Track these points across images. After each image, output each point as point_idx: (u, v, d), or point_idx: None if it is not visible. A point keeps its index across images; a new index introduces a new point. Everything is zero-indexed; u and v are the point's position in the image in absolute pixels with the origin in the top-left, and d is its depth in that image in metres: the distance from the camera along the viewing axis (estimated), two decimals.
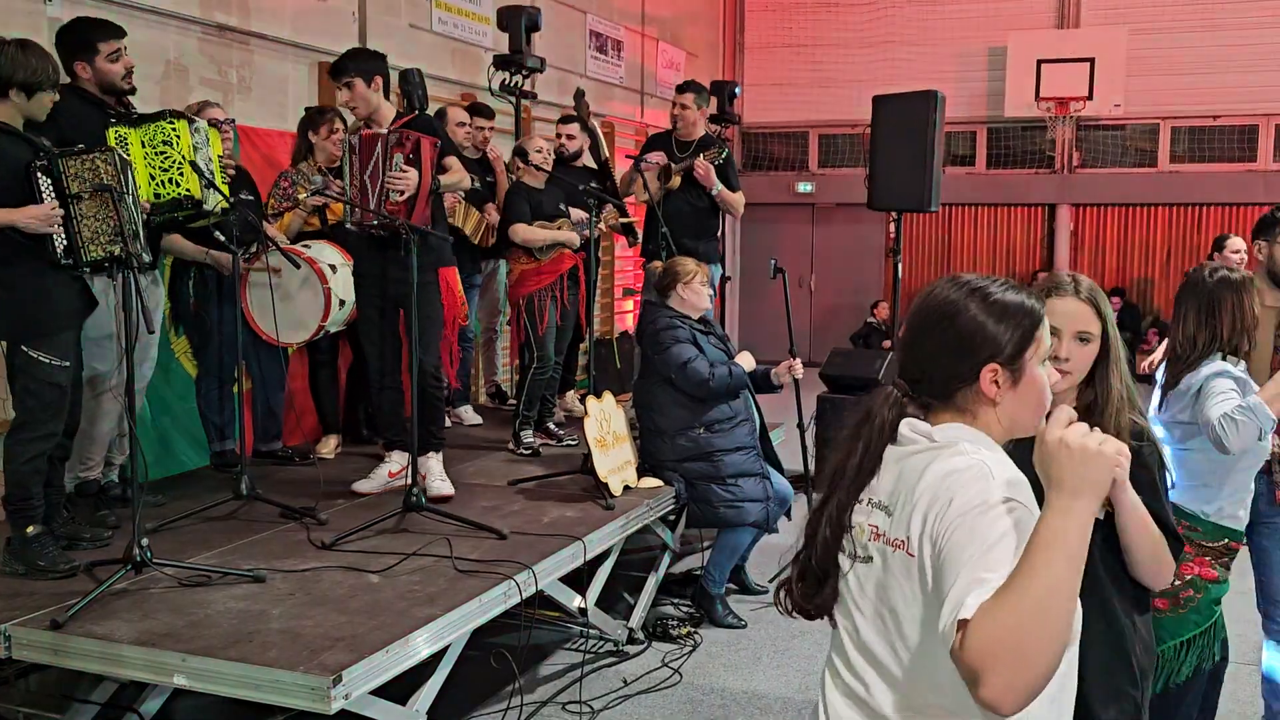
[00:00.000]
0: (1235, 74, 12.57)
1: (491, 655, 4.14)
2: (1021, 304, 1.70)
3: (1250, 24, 12.48)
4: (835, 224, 14.40)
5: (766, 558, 5.64)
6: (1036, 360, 1.70)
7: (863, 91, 9.71)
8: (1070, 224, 13.71)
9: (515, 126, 7.95)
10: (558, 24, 9.82)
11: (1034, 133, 13.45)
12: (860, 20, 13.97)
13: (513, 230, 5.77)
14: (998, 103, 13.19)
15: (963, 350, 1.68)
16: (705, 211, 6.69)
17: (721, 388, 4.99)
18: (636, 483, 5.03)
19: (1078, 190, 13.59)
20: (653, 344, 5.12)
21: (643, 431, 5.26)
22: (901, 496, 1.64)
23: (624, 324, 11.16)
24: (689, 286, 5.13)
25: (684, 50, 12.99)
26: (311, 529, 4.26)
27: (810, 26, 14.24)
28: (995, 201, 13.94)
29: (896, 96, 8.02)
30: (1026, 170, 13.75)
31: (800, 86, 14.24)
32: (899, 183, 7.75)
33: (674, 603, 5.38)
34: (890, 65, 13.37)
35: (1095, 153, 13.62)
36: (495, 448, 5.92)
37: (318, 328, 5.17)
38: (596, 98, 10.63)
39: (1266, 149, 12.97)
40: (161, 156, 4.17)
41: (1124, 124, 13.27)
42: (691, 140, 6.77)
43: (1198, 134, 13.19)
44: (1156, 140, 13.36)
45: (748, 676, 4.61)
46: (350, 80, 4.73)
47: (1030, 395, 1.70)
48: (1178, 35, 12.72)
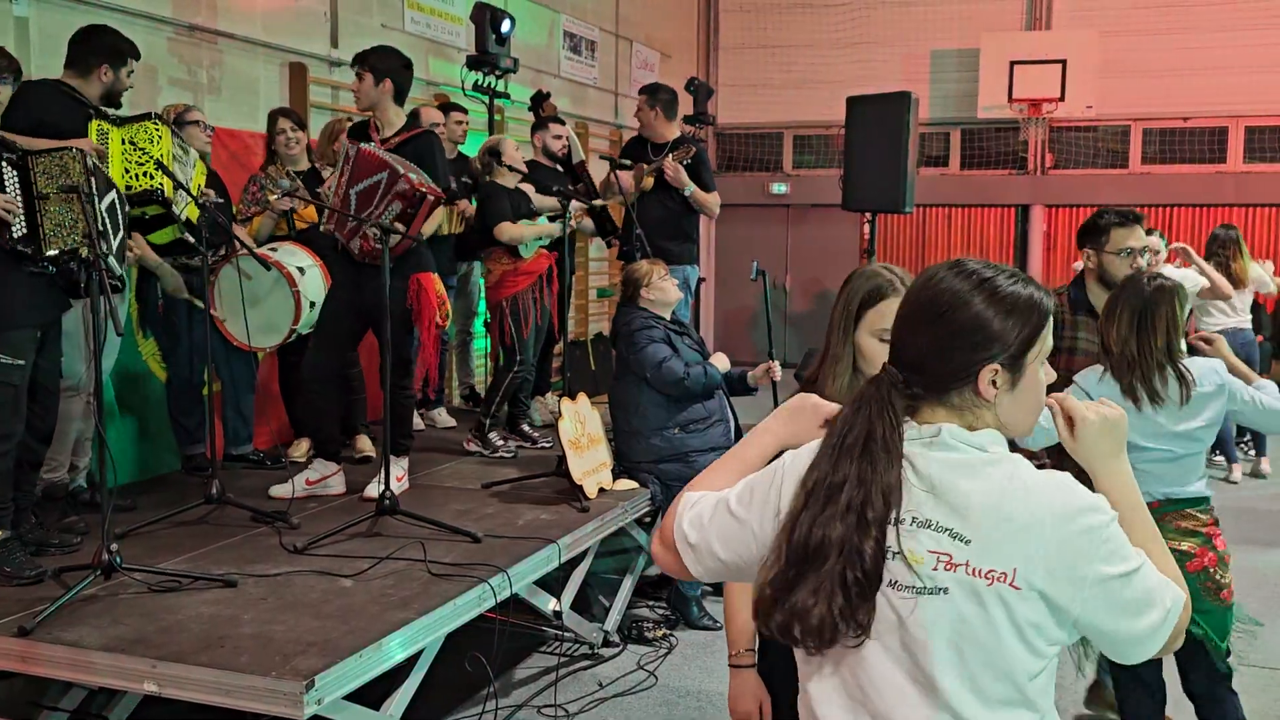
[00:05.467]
0: (1205, 76, 12.68)
1: (466, 659, 4.12)
2: (1030, 299, 1.57)
3: (1220, 26, 12.59)
4: (810, 225, 14.43)
5: None
6: (1039, 361, 1.59)
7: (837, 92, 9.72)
8: (1043, 225, 13.78)
9: (489, 127, 7.92)
10: (531, 24, 9.80)
11: (1007, 134, 13.52)
12: (834, 21, 14.00)
13: (500, 229, 5.75)
14: (971, 104, 13.24)
15: (962, 347, 1.55)
16: (679, 213, 6.69)
17: (696, 388, 4.99)
18: (612, 485, 5.01)
19: (1050, 191, 13.67)
20: (627, 344, 5.11)
21: (618, 433, 5.25)
22: (986, 523, 1.50)
23: (599, 325, 11.15)
24: (651, 286, 5.12)
25: (658, 51, 12.99)
26: (283, 533, 4.22)
27: (784, 27, 14.26)
28: (969, 202, 14.00)
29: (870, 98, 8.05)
30: (1000, 171, 13.82)
31: (774, 87, 14.26)
32: (873, 184, 7.78)
33: (649, 605, 5.38)
34: (864, 66, 13.40)
35: (1067, 154, 13.70)
36: (470, 451, 5.89)
37: (289, 331, 5.13)
38: (571, 99, 10.61)
39: (1236, 151, 13.08)
40: (140, 153, 4.19)
41: (1096, 125, 13.35)
42: (665, 142, 6.76)
43: (1168, 136, 13.29)
44: (1128, 142, 13.46)
45: (723, 678, 4.58)
46: (361, 72, 4.83)
47: (1029, 398, 1.60)
48: (1148, 37, 12.82)
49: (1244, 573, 3.95)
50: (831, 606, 1.50)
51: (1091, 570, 1.47)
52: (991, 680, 1.50)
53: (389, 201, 4.48)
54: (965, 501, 1.51)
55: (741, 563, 1.64)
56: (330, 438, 4.98)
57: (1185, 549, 3.19)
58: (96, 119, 4.27)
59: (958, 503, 1.51)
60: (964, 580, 1.49)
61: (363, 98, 4.86)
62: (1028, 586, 1.48)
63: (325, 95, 7.47)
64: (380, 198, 4.50)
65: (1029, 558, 1.47)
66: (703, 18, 14.45)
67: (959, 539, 1.50)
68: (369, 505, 4.35)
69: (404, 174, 4.46)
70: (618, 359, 5.32)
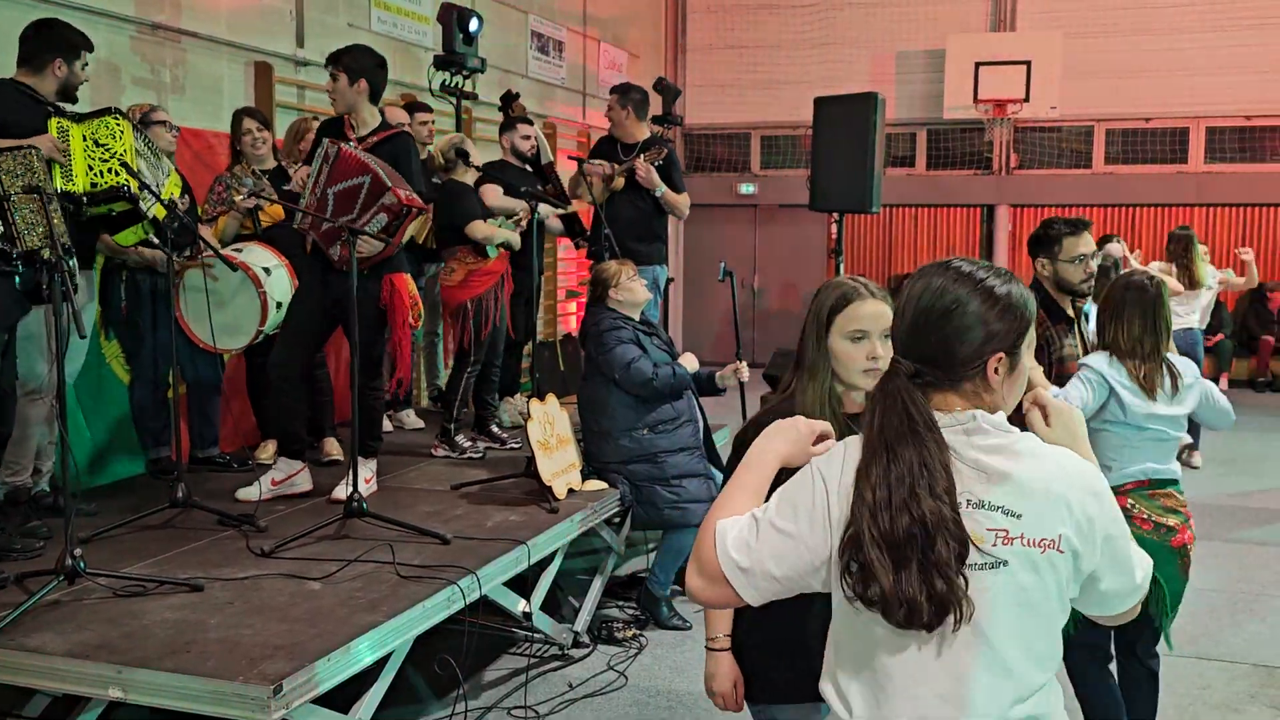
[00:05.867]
0: (1167, 77, 12.83)
1: (435, 661, 4.10)
2: (1020, 296, 1.75)
3: (1181, 28, 12.74)
4: (777, 225, 14.48)
5: None
6: (1029, 348, 1.77)
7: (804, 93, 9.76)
8: (1008, 224, 13.90)
9: (456, 127, 7.89)
10: (499, 24, 9.77)
11: (972, 134, 13.62)
12: (801, 22, 14.06)
13: (473, 228, 5.74)
14: (937, 104, 13.34)
15: (972, 341, 1.71)
16: (649, 213, 6.69)
17: (665, 388, 4.99)
18: (581, 485, 5.01)
19: (1015, 191, 13.79)
20: (596, 345, 5.11)
21: (587, 433, 5.25)
22: (1032, 497, 1.67)
23: (567, 326, 11.13)
24: (619, 287, 5.13)
25: (626, 51, 13.00)
26: (250, 536, 4.19)
27: (751, 28, 14.30)
28: (935, 202, 14.09)
29: (837, 98, 8.08)
30: (965, 171, 13.92)
31: (742, 88, 14.30)
32: (840, 184, 7.80)
33: (619, 605, 5.38)
34: (831, 67, 13.47)
35: (1032, 154, 13.82)
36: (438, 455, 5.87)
37: (255, 332, 5.09)
38: (538, 99, 10.60)
39: (1197, 151, 13.25)
40: (103, 149, 4.16)
41: (1059, 126, 13.48)
42: (635, 142, 6.76)
43: (1131, 136, 13.44)
44: (1091, 142, 13.60)
45: (693, 678, 4.61)
46: (335, 72, 4.80)
47: (1020, 381, 1.78)
48: (1111, 39, 12.95)
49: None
50: (933, 590, 1.60)
51: (1103, 529, 1.69)
52: (1042, 641, 1.70)
53: (374, 213, 4.47)
54: (1010, 479, 1.67)
55: (796, 575, 1.72)
56: (295, 436, 4.95)
57: (1171, 525, 3.43)
58: (56, 116, 4.22)
59: (1004, 481, 1.67)
60: (1020, 552, 1.65)
61: (339, 99, 4.82)
62: (1069, 549, 1.66)
63: (291, 95, 7.43)
64: (363, 205, 4.49)
65: (1065, 522, 1.66)
66: (671, 18, 14.46)
67: (1011, 514, 1.65)
68: (337, 507, 4.32)
69: (391, 187, 4.45)
70: (586, 360, 5.32)
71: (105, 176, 4.16)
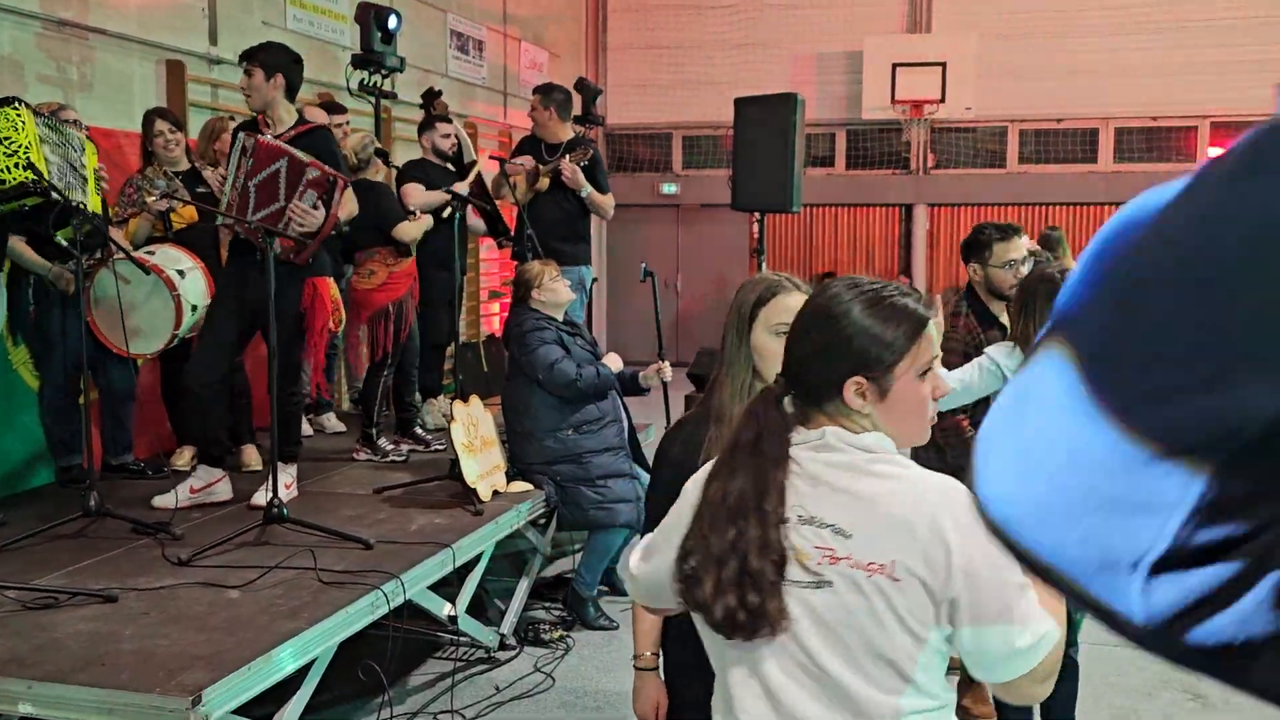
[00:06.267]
0: (1078, 79, 13.15)
1: (359, 667, 4.05)
2: (903, 311, 1.62)
3: (1092, 31, 13.06)
4: (700, 224, 14.56)
5: None
6: (912, 373, 1.62)
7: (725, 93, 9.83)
8: (926, 223, 14.13)
9: (375, 127, 7.80)
10: (418, 23, 9.68)
11: (890, 134, 13.83)
12: (721, 23, 14.15)
13: (403, 229, 5.68)
14: (855, 105, 13.51)
15: (827, 360, 1.63)
16: (574, 214, 6.68)
17: (589, 388, 4.99)
18: (506, 487, 4.99)
19: (932, 190, 14.02)
20: (520, 346, 5.09)
21: (511, 434, 5.22)
22: (868, 518, 1.57)
23: (490, 327, 11.07)
24: (542, 288, 5.11)
25: (546, 50, 12.96)
26: (166, 545, 4.09)
27: (672, 28, 14.36)
28: (855, 202, 14.28)
29: (758, 98, 8.14)
30: (884, 171, 14.13)
31: (664, 88, 14.35)
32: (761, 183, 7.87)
33: (545, 607, 5.36)
34: (751, 67, 13.58)
35: (948, 154, 14.07)
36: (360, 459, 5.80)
37: (170, 336, 4.98)
38: (459, 98, 10.52)
39: (1107, 151, 13.60)
40: (6, 142, 4.01)
41: (975, 126, 13.74)
42: (559, 142, 6.74)
43: (1044, 136, 13.75)
44: (1005, 142, 13.88)
45: (621, 678, 4.61)
46: (250, 69, 4.68)
47: (901, 409, 1.64)
48: (1024, 41, 13.24)
49: None
50: (745, 601, 1.57)
51: (964, 563, 1.52)
52: (876, 666, 1.57)
53: (302, 192, 4.39)
54: (846, 499, 1.59)
55: (656, 581, 1.77)
56: (215, 443, 4.85)
57: None
58: None
59: (840, 500, 1.59)
60: (846, 572, 1.57)
61: (255, 96, 4.71)
62: (908, 577, 1.54)
63: (204, 94, 7.28)
64: (287, 188, 4.40)
65: (906, 548, 1.54)
66: (591, 17, 14.46)
67: (841, 534, 1.58)
68: (256, 514, 4.25)
69: (309, 162, 4.40)
70: (510, 360, 5.30)
71: (12, 172, 4.01)
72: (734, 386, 2.32)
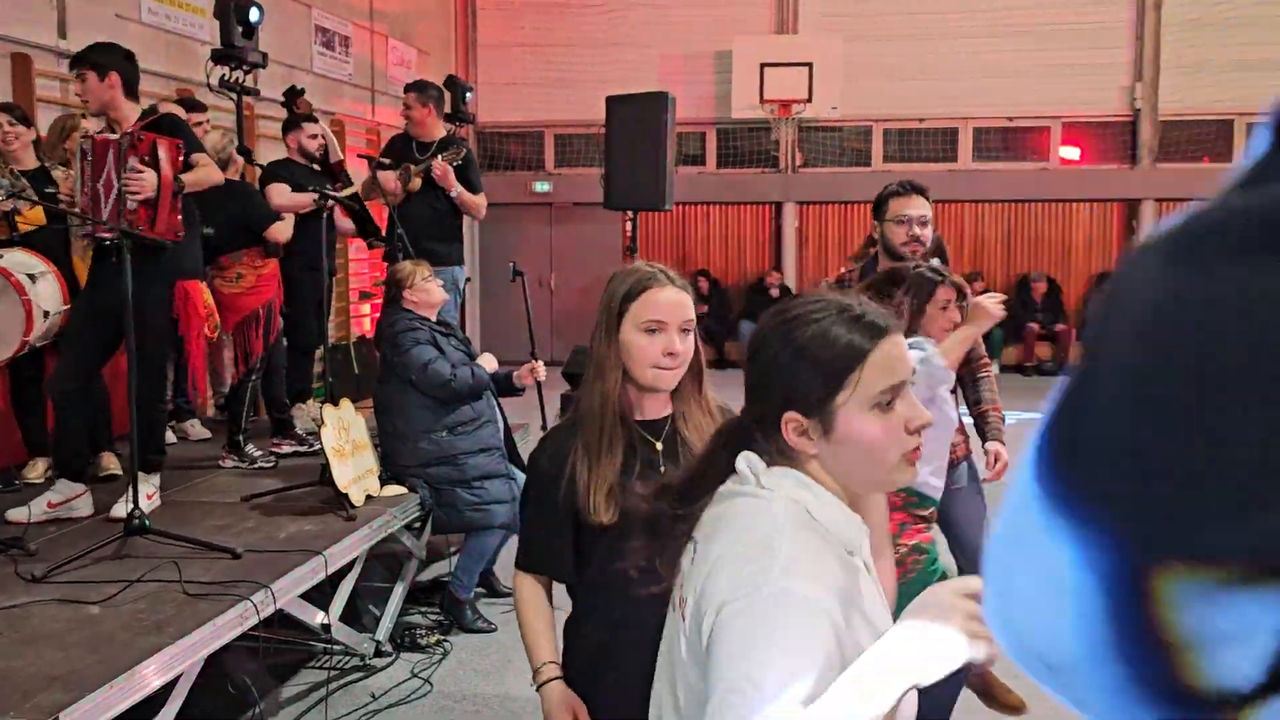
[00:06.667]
0: (939, 80, 13.55)
1: (229, 681, 3.94)
2: (834, 340, 1.40)
3: (951, 34, 13.48)
4: (573, 223, 14.55)
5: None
6: (857, 406, 1.39)
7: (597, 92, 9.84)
8: (795, 221, 14.39)
9: (238, 124, 7.58)
10: (280, 17, 9.44)
11: (759, 134, 14.03)
12: (592, 21, 14.16)
13: (277, 230, 5.53)
14: (725, 104, 13.68)
15: (763, 393, 1.46)
16: (446, 213, 6.61)
17: (464, 389, 4.95)
18: (379, 491, 4.91)
19: (801, 189, 14.28)
20: (392, 346, 5.01)
21: (384, 437, 5.14)
22: (699, 552, 1.46)
23: (361, 328, 10.87)
24: (414, 288, 5.05)
25: (415, 48, 12.78)
26: (20, 561, 3.91)
27: (543, 26, 14.32)
28: (726, 200, 14.45)
29: (629, 97, 8.18)
30: (754, 170, 14.33)
31: (535, 86, 14.30)
32: (634, 182, 7.91)
33: (422, 611, 5.29)
34: (623, 66, 13.62)
35: (816, 153, 14.36)
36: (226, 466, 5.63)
37: (20, 344, 4.76)
38: (325, 95, 10.30)
39: (966, 150, 14.05)
40: None
41: (841, 126, 14.05)
42: (431, 141, 6.66)
43: (906, 135, 14.14)
44: (870, 141, 14.22)
45: (499, 681, 4.59)
46: (82, 72, 4.48)
47: (851, 450, 1.41)
48: (888, 43, 13.58)
49: None
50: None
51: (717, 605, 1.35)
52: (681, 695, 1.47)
53: (123, 163, 4.25)
54: (706, 531, 1.49)
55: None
56: (76, 455, 4.64)
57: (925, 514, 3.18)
58: None
59: (705, 531, 1.49)
60: (677, 601, 1.52)
61: (92, 98, 4.51)
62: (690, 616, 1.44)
63: (53, 89, 6.98)
64: (116, 169, 4.26)
65: (700, 588, 1.41)
66: (460, 15, 14.32)
67: (692, 563, 1.49)
68: (116, 526, 4.09)
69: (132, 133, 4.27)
70: (382, 362, 5.22)
71: None
72: (603, 388, 2.15)
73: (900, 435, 1.40)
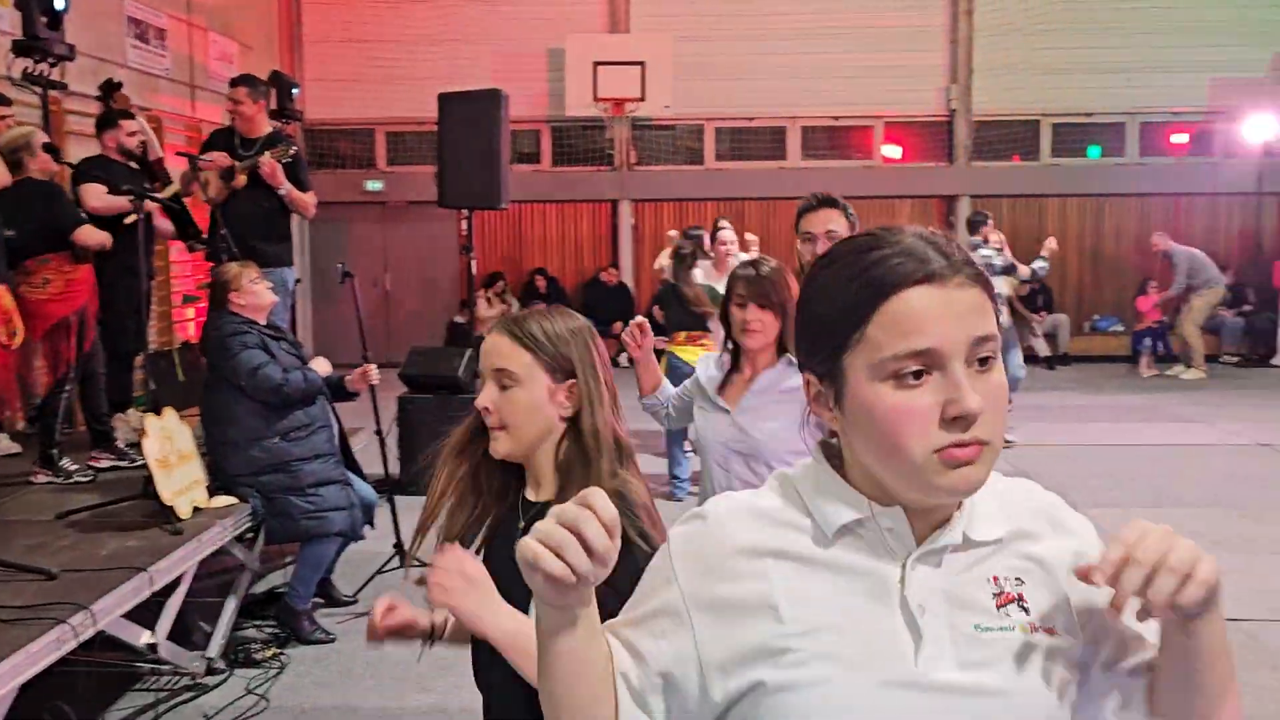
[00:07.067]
0: (768, 80, 13.86)
1: (47, 710, 3.71)
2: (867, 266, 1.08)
3: (779, 35, 13.80)
4: (408, 222, 14.30)
5: (353, 567, 5.48)
6: (865, 373, 1.08)
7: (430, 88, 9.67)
8: (631, 219, 14.49)
9: (44, 121, 7.17)
10: (89, 8, 8.96)
11: (594, 132, 14.08)
12: (423, 17, 13.95)
13: (87, 234, 5.23)
14: (559, 102, 13.67)
15: (797, 341, 1.19)
16: (274, 212, 6.40)
17: (296, 393, 4.80)
18: (208, 502, 4.71)
19: (636, 187, 14.39)
20: (219, 352, 4.83)
21: (213, 446, 4.95)
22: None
23: (185, 333, 10.44)
24: (242, 290, 4.88)
25: (237, 42, 12.34)
26: None
27: (372, 22, 14.02)
28: (562, 198, 14.44)
29: (462, 94, 8.06)
30: (589, 167, 14.36)
31: (366, 83, 13.99)
32: (469, 180, 7.80)
33: (257, 625, 5.11)
34: (455, 63, 13.46)
35: (650, 151, 14.49)
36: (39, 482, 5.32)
37: None
38: (141, 90, 9.85)
39: (795, 148, 14.40)
40: None
41: (674, 124, 14.21)
42: (256, 137, 6.43)
43: (737, 134, 14.40)
44: (702, 139, 14.44)
45: (340, 691, 4.46)
46: None
47: (862, 426, 1.10)
48: (718, 44, 13.81)
49: None
50: None
51: None
52: None
53: None
54: None
55: None
56: None
57: None
58: None
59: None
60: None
61: None
62: None
63: None
64: None
65: None
66: (284, 9, 13.90)
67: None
68: None
69: None
70: (209, 368, 5.02)
71: None
72: None
73: (926, 422, 1.05)
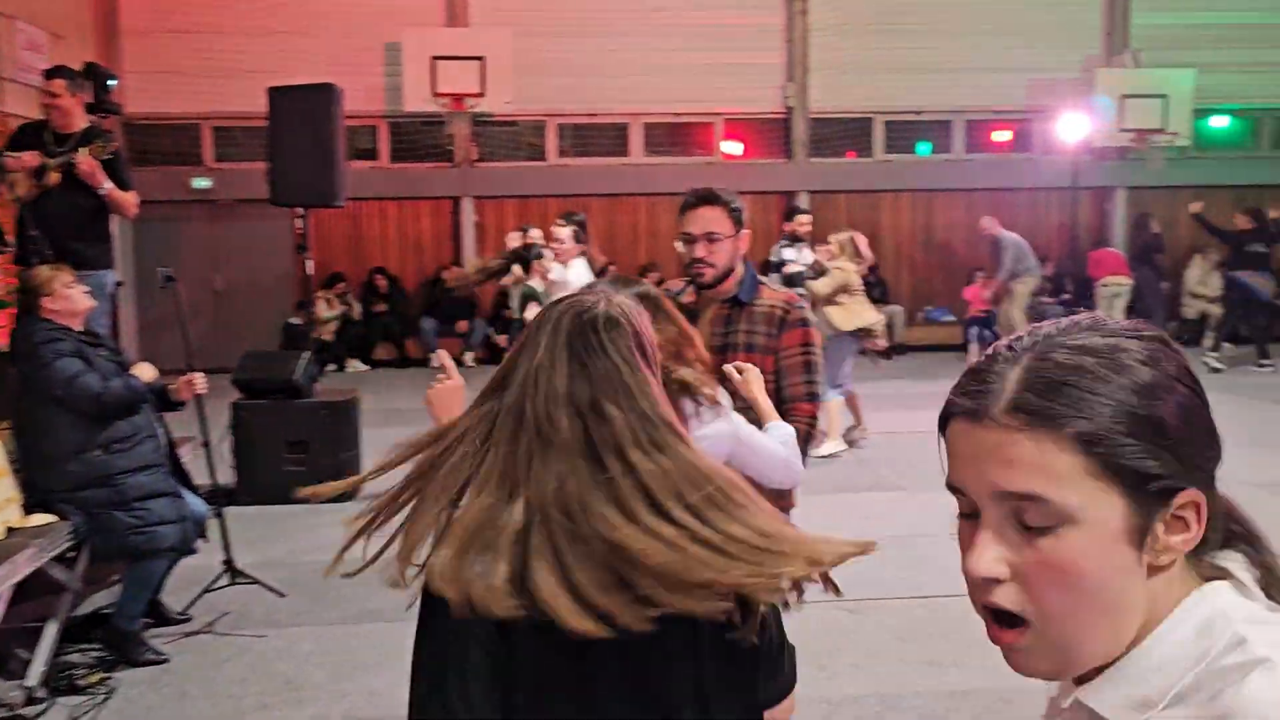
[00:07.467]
0: (609, 77, 13.89)
1: None
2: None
3: (620, 32, 13.87)
4: (240, 221, 13.79)
5: (183, 583, 5.23)
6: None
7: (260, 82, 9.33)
8: (474, 216, 14.32)
9: None
10: None
11: (434, 128, 13.85)
12: (250, 8, 13.48)
13: None
14: (396, 97, 13.41)
15: None
16: (92, 212, 6.07)
17: (117, 403, 4.56)
18: (22, 521, 4.42)
19: (478, 183, 14.23)
20: (31, 361, 4.55)
21: (27, 461, 4.65)
22: None
23: None
24: (54, 295, 4.62)
25: (46, 30, 11.66)
26: None
27: (197, 12, 13.48)
28: (402, 195, 14.17)
29: (294, 89, 7.81)
30: (429, 164, 14.13)
31: (190, 75, 13.43)
32: (303, 177, 7.56)
33: (81, 649, 4.82)
34: (286, 56, 13.04)
35: (492, 147, 14.35)
36: None
37: None
38: None
39: (637, 144, 14.47)
40: None
41: (516, 120, 14.10)
42: (71, 133, 6.08)
43: (580, 131, 14.39)
44: (544, 136, 14.37)
45: (175, 712, 4.25)
46: None
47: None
48: (558, 40, 13.76)
49: None
50: None
51: None
52: None
53: None
54: None
55: None
56: None
57: None
58: None
59: None
60: None
61: None
62: None
63: None
64: None
65: None
66: None
67: None
68: None
69: None
70: (21, 378, 4.72)
71: None
72: None
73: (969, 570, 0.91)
